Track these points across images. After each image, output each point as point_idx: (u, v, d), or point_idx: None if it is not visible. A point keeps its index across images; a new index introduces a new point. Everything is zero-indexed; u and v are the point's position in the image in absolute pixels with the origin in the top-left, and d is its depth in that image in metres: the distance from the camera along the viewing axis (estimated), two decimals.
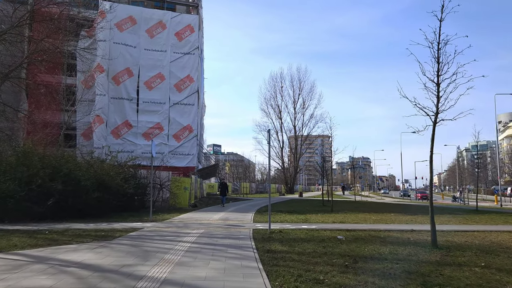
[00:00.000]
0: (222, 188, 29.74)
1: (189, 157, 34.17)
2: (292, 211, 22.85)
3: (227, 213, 20.94)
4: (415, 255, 8.98)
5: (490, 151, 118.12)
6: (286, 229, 13.64)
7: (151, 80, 33.50)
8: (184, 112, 34.36)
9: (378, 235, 12.62)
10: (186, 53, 34.70)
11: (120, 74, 33.15)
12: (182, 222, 15.96)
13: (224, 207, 26.35)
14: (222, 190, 29.41)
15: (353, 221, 17.21)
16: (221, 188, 29.87)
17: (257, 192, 70.90)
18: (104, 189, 18.19)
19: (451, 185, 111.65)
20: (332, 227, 14.58)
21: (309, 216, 19.44)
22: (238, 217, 18.49)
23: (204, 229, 13.29)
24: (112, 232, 12.36)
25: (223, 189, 29.44)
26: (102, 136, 32.55)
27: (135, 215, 18.69)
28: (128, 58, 33.20)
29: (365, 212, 22.93)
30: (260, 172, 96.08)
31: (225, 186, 30.07)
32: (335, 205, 30.11)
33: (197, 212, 21.51)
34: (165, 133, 33.85)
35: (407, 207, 30.96)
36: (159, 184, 24.35)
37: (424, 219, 19.06)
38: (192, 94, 34.78)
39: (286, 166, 71.21)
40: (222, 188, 29.80)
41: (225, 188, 29.59)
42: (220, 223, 15.54)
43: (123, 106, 33.17)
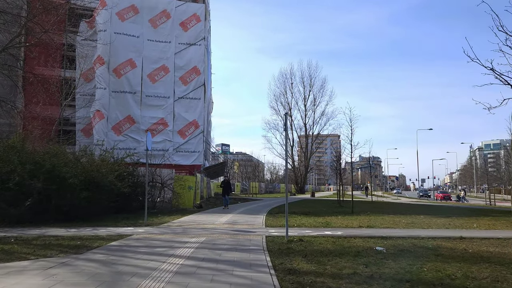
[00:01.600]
0: (225, 187, 25.10)
1: (195, 155, 31.53)
2: (308, 213, 20.12)
3: (235, 215, 18.27)
4: (506, 280, 6.21)
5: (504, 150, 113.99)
6: (307, 236, 10.93)
7: (155, 72, 30.94)
8: (190, 106, 31.75)
9: (425, 244, 9.85)
10: (191, 44, 32.11)
11: (121, 66, 30.63)
12: (182, 226, 13.31)
13: (230, 209, 23.65)
14: (225, 189, 24.93)
15: (382, 225, 14.43)
16: (224, 187, 25.17)
17: (266, 192, 68.18)
18: (95, 188, 15.62)
19: (464, 184, 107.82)
20: (362, 233, 11.84)
21: (330, 219, 16.69)
22: (248, 220, 15.80)
23: (206, 237, 10.62)
24: (91, 240, 9.74)
25: (226, 189, 24.94)
26: (103, 132, 30.02)
27: (131, 218, 16.11)
28: (131, 49, 30.67)
29: (390, 214, 20.12)
30: (269, 172, 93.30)
31: (228, 185, 25.59)
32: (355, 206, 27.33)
33: (202, 214, 18.85)
34: (170, 129, 31.25)
35: (432, 208, 28.03)
36: (161, 183, 21.76)
37: (464, 222, 16.22)
38: (198, 88, 32.17)
39: (296, 165, 68.35)
40: (225, 187, 25.14)
41: (228, 187, 25.25)
42: (226, 228, 12.86)
43: (125, 100, 30.65)
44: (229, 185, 25.42)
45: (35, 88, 27.56)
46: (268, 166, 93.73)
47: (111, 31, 30.27)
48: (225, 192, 24.66)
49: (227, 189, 24.89)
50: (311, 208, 24.70)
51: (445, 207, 29.52)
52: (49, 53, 28.46)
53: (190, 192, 23.69)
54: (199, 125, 31.93)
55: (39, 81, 26.84)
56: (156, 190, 22.04)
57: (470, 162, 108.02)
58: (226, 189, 24.84)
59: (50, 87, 25.96)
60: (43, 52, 27.83)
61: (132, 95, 30.75)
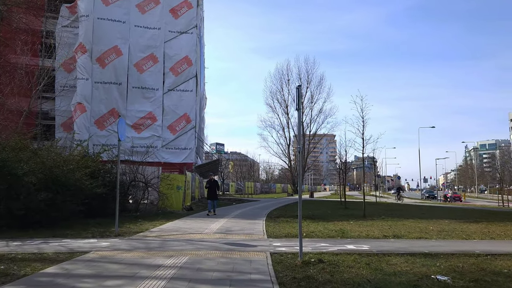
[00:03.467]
0: (210, 188, 18.70)
1: (186, 152, 28.46)
2: (314, 217, 17.16)
3: (229, 221, 15.24)
4: None
5: (499, 150, 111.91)
6: (326, 253, 7.95)
7: (143, 61, 27.82)
8: (181, 99, 28.66)
9: (496, 268, 6.92)
10: (182, 32, 29.01)
11: (106, 54, 27.50)
12: (161, 237, 10.26)
13: (224, 212, 20.60)
14: (211, 191, 18.63)
15: (410, 235, 11.46)
16: (209, 188, 18.77)
17: (262, 192, 65.17)
18: (58, 188, 12.56)
19: (460, 185, 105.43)
20: (394, 248, 8.88)
21: (342, 225, 13.72)
22: (244, 228, 12.78)
23: (189, 255, 7.59)
24: (24, 262, 6.70)
25: (212, 190, 18.61)
26: (84, 126, 26.88)
27: (104, 224, 13.06)
28: (116, 35, 27.53)
29: (407, 218, 17.20)
30: (265, 171, 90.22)
31: (215, 185, 18.99)
32: (358, 208, 24.41)
33: (190, 219, 15.78)
34: (158, 124, 28.17)
35: (446, 210, 25.19)
36: (144, 182, 18.70)
37: (502, 229, 13.30)
38: (190, 79, 29.08)
39: (293, 165, 65.29)
40: (210, 188, 18.71)
41: (215, 188, 18.81)
42: (217, 240, 9.83)
43: (109, 92, 27.52)
44: (216, 186, 18.93)
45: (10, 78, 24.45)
46: (263, 166, 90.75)
47: (94, 16, 27.19)
48: (211, 195, 18.53)
49: (213, 191, 18.54)
50: (314, 210, 21.76)
51: (458, 209, 26.70)
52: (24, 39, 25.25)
53: (179, 192, 20.66)
54: (191, 119, 28.86)
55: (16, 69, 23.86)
56: (139, 191, 18.99)
57: (466, 162, 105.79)
58: (212, 190, 18.54)
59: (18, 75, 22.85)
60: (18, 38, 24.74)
61: (117, 86, 27.65)
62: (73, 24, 28.97)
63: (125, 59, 27.63)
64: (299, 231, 7.70)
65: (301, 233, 7.71)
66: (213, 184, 18.84)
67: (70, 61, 28.55)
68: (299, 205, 7.83)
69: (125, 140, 27.14)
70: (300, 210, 7.80)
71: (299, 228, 7.70)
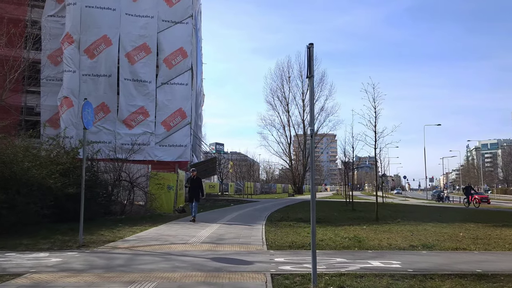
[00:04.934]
0: (192, 188, 14.55)
1: (180, 149, 26.30)
2: (320, 220, 14.92)
3: (224, 225, 13.03)
4: None
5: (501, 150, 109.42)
6: (348, 276, 5.75)
7: (134, 52, 25.64)
8: (175, 93, 26.49)
9: None
10: (177, 22, 26.83)
11: (95, 44, 25.33)
12: (133, 249, 8.04)
13: (219, 215, 18.39)
14: (192, 191, 14.49)
15: (443, 244, 9.22)
16: (190, 187, 14.65)
17: (262, 193, 62.85)
18: (20, 188, 10.40)
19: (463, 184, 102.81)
20: (436, 265, 6.67)
21: (355, 231, 11.51)
22: (241, 235, 10.57)
23: (157, 281, 5.37)
24: None
25: (194, 190, 14.45)
26: (71, 122, 24.73)
27: (75, 230, 10.84)
28: (105, 24, 25.34)
29: (425, 222, 14.97)
30: (265, 171, 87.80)
31: (198, 184, 14.59)
32: (367, 209, 22.22)
33: (179, 223, 13.52)
34: (151, 120, 26.01)
35: (463, 211, 22.91)
36: (129, 181, 16.51)
37: None
38: (185, 72, 26.93)
39: (294, 164, 62.98)
40: (192, 187, 14.55)
41: (198, 188, 14.48)
42: (203, 254, 7.61)
43: (98, 85, 25.36)
44: (199, 184, 14.64)
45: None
46: (263, 166, 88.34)
47: (82, 4, 25.02)
48: (192, 196, 14.42)
49: (195, 191, 14.39)
50: (319, 212, 19.51)
51: (474, 211, 24.43)
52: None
53: (170, 193, 18.46)
54: (186, 115, 26.71)
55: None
56: (125, 191, 16.81)
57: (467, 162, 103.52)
58: (194, 190, 14.41)
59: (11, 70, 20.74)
60: None
61: (107, 79, 25.50)
62: (60, 13, 26.87)
63: (115, 50, 25.48)
64: (312, 245, 5.50)
65: (314, 247, 5.50)
66: (196, 182, 14.46)
67: (57, 53, 26.50)
68: (312, 207, 5.64)
69: (116, 137, 25.37)
70: (314, 216, 5.61)
71: (312, 241, 5.50)
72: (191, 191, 14.63)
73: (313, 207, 5.55)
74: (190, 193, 14.72)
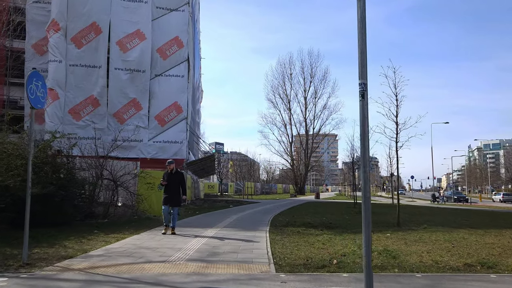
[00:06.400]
0: (169, 187, 10.40)
1: (176, 146, 24.06)
2: (332, 225, 12.70)
3: (219, 233, 10.71)
4: None
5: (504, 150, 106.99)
6: None
7: (127, 39, 23.38)
8: (170, 86, 24.28)
9: None
10: (172, 9, 24.66)
11: (83, 32, 23.12)
12: (89, 273, 5.70)
13: (216, 218, 16.11)
14: (170, 192, 10.39)
15: (506, 261, 7.00)
16: (167, 185, 10.42)
17: (262, 193, 60.51)
18: None
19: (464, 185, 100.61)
20: None
21: (380, 241, 9.25)
22: (239, 248, 8.29)
23: None
24: None
25: (171, 190, 10.38)
26: (57, 116, 22.56)
27: (36, 239, 8.66)
28: (94, 10, 23.14)
29: (455, 227, 12.76)
30: (265, 171, 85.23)
31: (178, 181, 10.46)
32: (379, 211, 19.99)
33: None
34: (144, 113, 23.79)
35: (489, 214, 20.65)
36: (112, 179, 14.23)
37: None
38: (181, 63, 24.72)
39: (295, 164, 60.52)
40: (169, 185, 10.39)
41: (177, 187, 10.45)
42: (186, 284, 5.35)
43: (87, 76, 23.15)
44: (179, 182, 10.50)
45: None
46: (264, 165, 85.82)
47: None
48: (170, 198, 10.34)
49: (174, 191, 10.39)
50: (328, 215, 17.27)
51: (497, 213, 22.17)
52: None
53: (161, 193, 16.12)
54: (182, 109, 24.48)
55: None
56: (108, 192, 14.54)
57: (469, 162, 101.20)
58: (172, 190, 10.37)
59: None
60: None
61: (96, 70, 23.29)
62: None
63: (105, 37, 23.26)
64: None
65: None
66: (174, 178, 10.34)
67: (42, 42, 24.25)
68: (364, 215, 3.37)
69: (106, 133, 23.03)
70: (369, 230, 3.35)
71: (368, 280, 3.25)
72: (168, 191, 10.25)
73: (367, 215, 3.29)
74: (167, 194, 10.26)
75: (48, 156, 12.07)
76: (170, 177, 10.50)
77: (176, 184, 10.41)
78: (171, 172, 10.58)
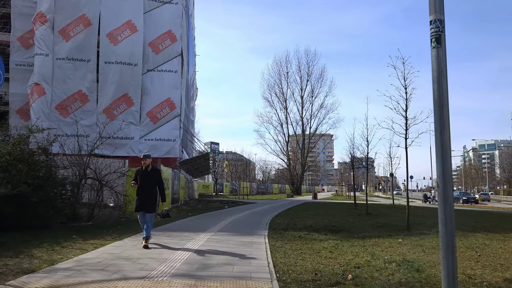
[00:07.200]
0: (142, 187, 7.91)
1: (169, 144, 22.89)
2: (336, 229, 11.58)
3: (212, 239, 9.55)
4: None
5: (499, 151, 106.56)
6: None
7: (117, 31, 22.17)
8: (163, 81, 23.12)
9: None
10: (165, 1, 23.49)
11: (71, 25, 21.92)
12: None
13: (210, 220, 14.92)
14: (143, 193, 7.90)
15: None
16: (140, 186, 7.92)
17: (258, 193, 59.38)
18: None
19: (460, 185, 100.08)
20: None
21: (394, 248, 8.15)
22: (235, 258, 7.13)
23: None
24: None
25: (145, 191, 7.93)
26: (43, 112, 21.32)
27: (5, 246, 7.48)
28: (83, 2, 21.96)
29: (470, 231, 11.69)
30: (261, 171, 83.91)
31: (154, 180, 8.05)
32: (382, 213, 18.94)
33: (153, 235, 10.05)
34: (136, 109, 22.59)
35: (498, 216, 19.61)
36: (97, 179, 13.02)
37: None
38: (174, 58, 23.55)
39: (291, 164, 59.33)
40: (142, 185, 7.92)
41: (153, 187, 8.05)
42: None
43: (75, 70, 21.94)
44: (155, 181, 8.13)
45: None
46: (260, 165, 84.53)
47: None
48: (143, 201, 7.92)
49: (149, 191, 8.02)
50: (329, 217, 16.15)
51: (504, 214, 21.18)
52: None
53: None
54: (175, 105, 23.29)
55: None
56: (93, 192, 13.33)
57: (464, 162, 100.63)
58: (145, 191, 7.97)
59: None
60: None
61: (85, 64, 22.09)
62: None
63: (94, 30, 22.06)
64: None
65: None
66: (149, 177, 8.03)
67: (29, 35, 22.97)
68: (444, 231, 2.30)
69: (94, 130, 21.76)
70: None
71: None
72: (141, 192, 7.92)
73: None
74: (139, 196, 7.92)
75: (23, 153, 10.85)
76: (143, 175, 8.01)
77: (151, 184, 8.01)
78: (145, 170, 8.07)
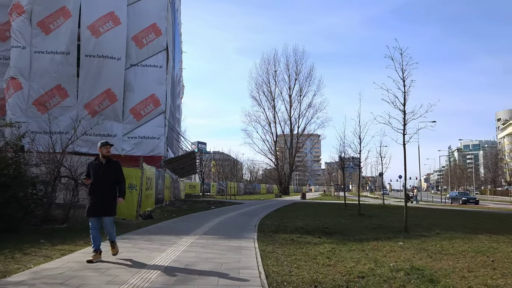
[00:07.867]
0: (98, 184, 6.14)
1: (153, 142, 21.83)
2: (329, 231, 10.79)
3: (197, 243, 8.65)
4: None
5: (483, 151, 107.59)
6: None
7: (99, 22, 20.96)
8: (147, 77, 22.03)
9: None
10: None
11: (51, 17, 20.73)
12: None
13: (195, 221, 13.99)
14: (99, 191, 6.12)
15: None
16: (95, 184, 6.16)
17: (245, 193, 58.45)
18: None
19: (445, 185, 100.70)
20: None
21: (397, 253, 7.37)
22: (222, 266, 6.25)
23: None
24: None
25: (101, 189, 6.13)
26: (19, 108, 20.11)
27: None
28: None
29: (472, 233, 11.01)
30: (249, 170, 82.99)
31: (112, 175, 6.27)
32: (374, 213, 18.23)
33: (128, 240, 9.01)
34: (119, 106, 21.49)
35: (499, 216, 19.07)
36: (72, 177, 11.97)
37: None
38: (159, 53, 22.48)
39: (279, 163, 58.51)
40: (97, 182, 6.14)
41: (112, 183, 6.27)
42: None
43: (54, 64, 20.73)
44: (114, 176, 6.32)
45: None
46: (247, 165, 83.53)
47: None
48: (99, 201, 6.11)
49: (106, 189, 6.20)
50: (321, 218, 15.35)
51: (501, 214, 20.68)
52: None
53: (132, 193, 13.93)
54: (160, 102, 22.24)
55: None
56: (68, 191, 12.28)
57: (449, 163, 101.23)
58: (102, 189, 6.16)
59: None
60: None
61: (64, 57, 20.89)
62: None
63: (75, 22, 20.88)
64: None
65: None
66: (106, 171, 6.25)
67: (5, 27, 21.73)
68: None
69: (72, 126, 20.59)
70: None
71: None
72: (96, 190, 6.20)
73: None
74: (93, 195, 6.20)
75: None
76: (99, 169, 6.23)
77: (108, 180, 6.25)
78: (100, 163, 6.31)
